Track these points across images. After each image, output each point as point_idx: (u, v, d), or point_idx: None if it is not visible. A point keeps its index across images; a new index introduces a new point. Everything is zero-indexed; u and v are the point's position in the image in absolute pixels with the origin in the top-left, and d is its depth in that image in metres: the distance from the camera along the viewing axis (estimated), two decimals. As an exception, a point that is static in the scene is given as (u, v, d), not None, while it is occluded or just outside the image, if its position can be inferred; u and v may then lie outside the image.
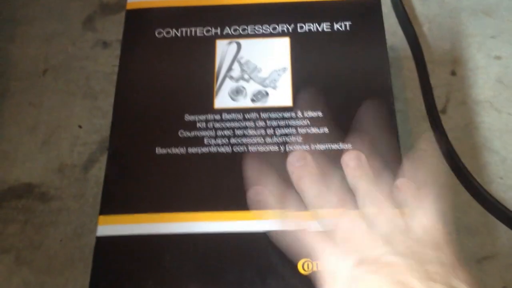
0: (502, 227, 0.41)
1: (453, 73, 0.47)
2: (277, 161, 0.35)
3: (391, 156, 0.35)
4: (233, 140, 0.36)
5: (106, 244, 0.33)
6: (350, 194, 0.32)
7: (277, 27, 0.39)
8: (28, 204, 0.43)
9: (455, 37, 0.49)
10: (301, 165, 0.34)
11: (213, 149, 0.35)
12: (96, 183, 0.44)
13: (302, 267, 0.32)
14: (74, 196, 0.43)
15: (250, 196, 0.33)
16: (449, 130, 0.44)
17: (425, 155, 0.43)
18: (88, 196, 0.43)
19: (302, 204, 0.32)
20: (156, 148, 0.36)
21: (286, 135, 0.36)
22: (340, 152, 0.35)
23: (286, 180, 0.34)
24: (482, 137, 0.44)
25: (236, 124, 0.36)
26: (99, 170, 0.44)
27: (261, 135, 0.36)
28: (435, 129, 0.45)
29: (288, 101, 0.37)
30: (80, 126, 0.46)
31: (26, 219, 0.42)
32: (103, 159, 0.44)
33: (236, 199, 0.34)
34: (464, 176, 0.42)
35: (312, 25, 0.39)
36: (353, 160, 0.34)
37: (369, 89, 0.37)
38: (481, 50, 0.48)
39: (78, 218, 0.42)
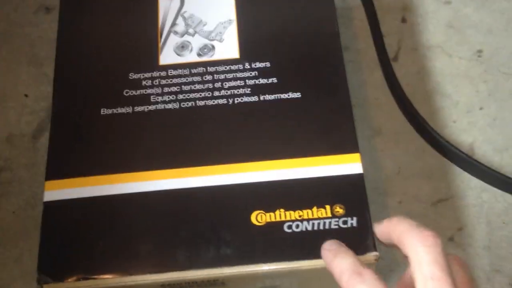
0: (456, 170, 0.41)
1: (404, 20, 0.47)
2: (226, 114, 0.34)
3: (340, 103, 0.35)
4: (180, 96, 0.35)
5: (54, 209, 0.32)
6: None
7: (220, -22, 0.38)
8: (-23, 177, 0.42)
9: (405, -17, 0.48)
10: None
11: (160, 106, 0.35)
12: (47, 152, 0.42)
13: (256, 218, 0.32)
14: (25, 166, 0.42)
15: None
16: (401, 77, 0.44)
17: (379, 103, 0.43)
18: (39, 165, 0.42)
19: None
20: (102, 109, 0.35)
21: (234, 87, 0.35)
22: (289, 101, 0.34)
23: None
24: (434, 82, 0.44)
25: (183, 80, 0.35)
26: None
27: (208, 89, 0.35)
28: (387, 78, 0.44)
29: (235, 53, 0.36)
30: (26, 95, 0.45)
31: (-24, 192, 0.41)
32: (53, 127, 0.43)
33: (185, 155, 0.33)
34: (417, 121, 0.42)
35: (255, -26, 0.38)
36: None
37: (316, 38, 0.37)
38: (431, -4, 0.48)
39: (30, 188, 0.41)
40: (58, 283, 0.30)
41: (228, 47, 0.36)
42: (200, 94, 0.35)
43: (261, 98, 0.35)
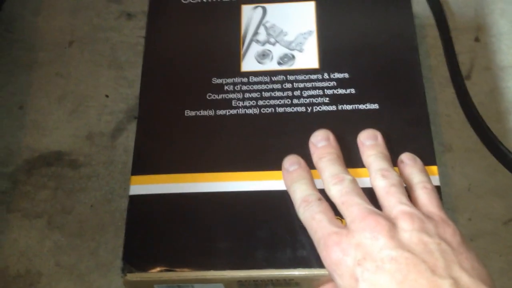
0: (528, 190, 0.41)
1: (477, 40, 0.47)
2: (304, 122, 0.35)
3: (418, 116, 0.35)
4: (260, 102, 0.36)
5: (139, 203, 0.34)
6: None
7: (303, -10, 0.39)
8: (58, 171, 0.44)
9: (478, 4, 0.48)
10: (322, 145, 0.34)
11: (241, 111, 0.36)
12: (124, 151, 0.44)
13: (331, 223, 0.32)
14: (103, 163, 0.44)
15: (285, 166, 0.33)
16: (474, 96, 0.44)
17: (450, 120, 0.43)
18: (116, 163, 0.44)
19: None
20: (185, 111, 0.36)
21: (313, 96, 0.36)
22: (367, 112, 0.35)
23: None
24: (507, 102, 0.44)
25: (263, 87, 0.37)
26: (126, 139, 0.45)
27: (288, 97, 0.36)
28: (460, 95, 0.45)
29: (314, 63, 0.37)
30: (107, 96, 0.47)
31: (57, 186, 0.43)
32: (130, 128, 0.45)
33: (264, 159, 0.34)
34: (490, 140, 0.42)
35: (337, -12, 0.39)
36: (369, 140, 0.34)
37: (395, 51, 0.38)
38: (504, 16, 0.48)
39: (107, 184, 0.43)
40: (141, 273, 0.31)
41: (308, 57, 0.37)
42: (280, 101, 0.36)
43: (339, 107, 0.36)
